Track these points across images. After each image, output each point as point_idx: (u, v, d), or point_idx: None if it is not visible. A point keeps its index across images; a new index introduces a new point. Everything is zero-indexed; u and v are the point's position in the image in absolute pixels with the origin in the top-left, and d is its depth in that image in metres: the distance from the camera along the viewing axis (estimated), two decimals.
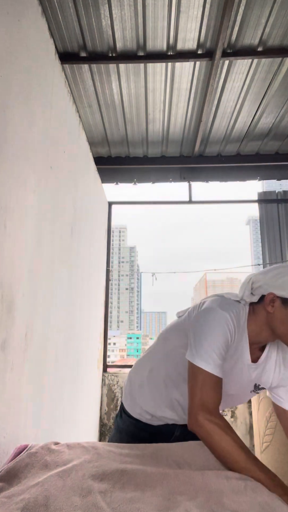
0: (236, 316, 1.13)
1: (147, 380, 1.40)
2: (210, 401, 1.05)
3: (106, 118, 3.74)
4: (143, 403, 1.38)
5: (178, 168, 4.60)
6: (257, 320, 1.15)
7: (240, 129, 3.97)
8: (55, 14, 2.52)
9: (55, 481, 0.85)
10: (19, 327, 1.61)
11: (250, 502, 0.78)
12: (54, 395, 2.10)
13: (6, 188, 1.45)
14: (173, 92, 3.37)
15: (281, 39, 2.79)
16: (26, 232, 1.68)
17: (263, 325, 1.14)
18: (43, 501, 0.77)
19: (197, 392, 1.06)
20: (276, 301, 1.10)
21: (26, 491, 0.81)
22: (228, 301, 1.17)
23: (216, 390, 1.07)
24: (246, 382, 1.25)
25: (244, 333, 1.14)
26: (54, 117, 2.04)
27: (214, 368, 1.07)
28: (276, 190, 4.83)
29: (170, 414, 1.35)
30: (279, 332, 1.12)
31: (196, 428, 1.04)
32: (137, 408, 1.40)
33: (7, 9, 1.42)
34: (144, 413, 1.38)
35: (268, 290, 1.12)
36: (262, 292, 1.14)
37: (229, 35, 2.75)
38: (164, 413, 1.35)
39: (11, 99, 1.47)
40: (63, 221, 2.28)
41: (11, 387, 1.51)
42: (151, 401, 1.37)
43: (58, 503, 0.76)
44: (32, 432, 1.73)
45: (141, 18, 2.59)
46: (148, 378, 1.39)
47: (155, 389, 1.36)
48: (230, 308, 1.13)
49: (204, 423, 1.02)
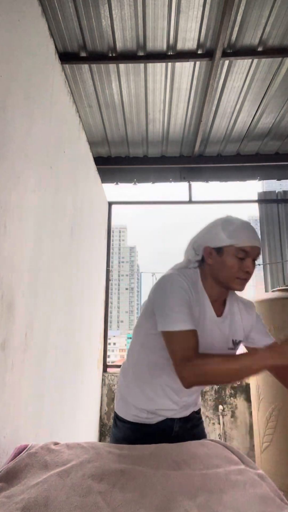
0: (188, 278, 1.22)
1: (133, 376, 1.38)
2: (189, 351, 1.10)
3: (106, 118, 3.74)
4: (135, 401, 1.36)
5: (178, 168, 4.60)
6: (208, 278, 1.26)
7: (240, 129, 3.97)
8: (55, 14, 2.52)
9: (55, 481, 0.86)
10: (19, 327, 1.61)
11: (251, 497, 0.78)
12: (54, 395, 2.10)
13: (6, 188, 1.45)
14: (173, 92, 3.37)
15: (281, 39, 2.79)
16: (26, 232, 1.68)
17: (212, 280, 1.25)
18: (43, 501, 0.77)
19: (176, 351, 1.12)
20: (212, 252, 1.23)
21: (26, 491, 0.82)
22: (177, 268, 1.28)
23: (192, 339, 1.12)
24: (221, 339, 1.29)
25: (203, 292, 1.24)
26: (54, 117, 2.04)
27: (183, 324, 1.13)
28: (276, 190, 4.83)
29: (165, 404, 1.32)
30: (222, 279, 1.22)
31: (187, 382, 1.09)
32: (131, 409, 1.36)
33: (7, 9, 1.42)
34: (139, 412, 1.34)
35: (204, 245, 1.25)
36: (201, 248, 1.26)
37: (229, 35, 2.75)
38: (159, 405, 1.33)
39: (11, 99, 1.47)
40: (63, 221, 2.28)
41: (11, 387, 1.51)
42: (142, 396, 1.34)
43: (58, 503, 0.76)
44: (32, 432, 1.73)
45: (141, 18, 2.59)
46: (134, 374, 1.38)
47: (143, 382, 1.34)
48: (180, 272, 1.23)
49: (190, 373, 1.08)
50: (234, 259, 1.20)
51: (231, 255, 1.20)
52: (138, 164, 4.48)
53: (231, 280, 1.22)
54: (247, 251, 1.20)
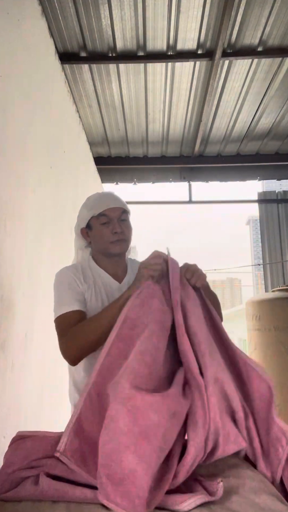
0: (75, 266, 1.30)
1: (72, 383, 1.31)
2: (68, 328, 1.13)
3: (106, 118, 3.74)
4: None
5: (178, 168, 4.60)
6: (97, 255, 1.33)
7: (240, 129, 3.97)
8: (55, 14, 2.51)
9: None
10: (19, 327, 1.61)
11: (250, 503, 0.77)
12: (54, 395, 2.10)
13: (6, 188, 1.45)
14: (173, 92, 3.37)
15: (281, 39, 2.79)
16: (26, 232, 1.68)
17: (100, 255, 1.32)
18: None
19: (58, 334, 1.16)
20: (86, 231, 1.32)
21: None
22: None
23: (72, 318, 1.15)
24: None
25: (97, 269, 1.31)
26: (54, 117, 2.04)
27: (64, 307, 1.16)
28: (276, 190, 4.83)
29: None
30: (101, 250, 1.30)
31: (68, 357, 1.13)
32: None
33: (7, 9, 1.42)
34: None
35: (79, 229, 1.34)
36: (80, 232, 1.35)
37: (229, 35, 2.75)
38: None
39: (11, 99, 1.47)
40: (63, 221, 2.28)
41: (11, 387, 1.51)
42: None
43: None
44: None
45: (141, 18, 2.59)
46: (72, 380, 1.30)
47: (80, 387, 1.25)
48: (65, 267, 1.30)
49: (67, 346, 1.12)
50: (100, 227, 1.27)
51: (96, 225, 1.28)
52: (138, 164, 4.48)
53: (106, 246, 1.28)
54: (107, 214, 1.27)
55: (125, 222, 1.31)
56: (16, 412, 1.57)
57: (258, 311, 3.09)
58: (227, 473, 0.91)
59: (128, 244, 1.33)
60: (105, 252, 1.30)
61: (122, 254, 1.32)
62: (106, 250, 1.28)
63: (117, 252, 1.29)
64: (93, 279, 1.28)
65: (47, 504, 0.75)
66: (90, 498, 0.74)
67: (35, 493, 0.77)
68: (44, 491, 0.76)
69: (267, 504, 0.78)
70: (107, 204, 1.28)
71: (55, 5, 2.44)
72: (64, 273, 1.26)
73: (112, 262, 1.32)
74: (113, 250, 1.28)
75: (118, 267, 1.34)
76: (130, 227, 1.33)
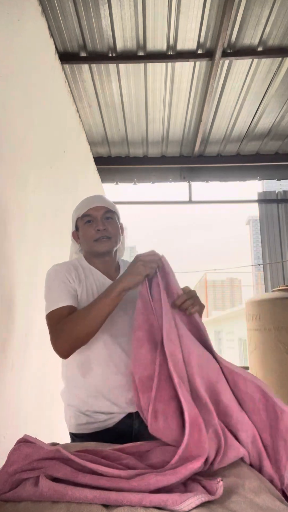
0: (68, 264, 1.32)
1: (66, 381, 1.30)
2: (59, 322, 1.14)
3: (106, 118, 3.74)
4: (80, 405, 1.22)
5: (178, 168, 4.60)
6: (89, 255, 1.35)
7: (240, 129, 3.97)
8: (55, 14, 2.51)
9: None
10: (19, 327, 1.61)
11: (250, 503, 0.77)
12: (54, 395, 2.10)
13: (6, 188, 1.45)
14: (173, 92, 3.37)
15: (281, 39, 2.79)
16: (26, 232, 1.68)
17: (91, 255, 1.34)
18: None
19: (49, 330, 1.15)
20: (76, 234, 1.38)
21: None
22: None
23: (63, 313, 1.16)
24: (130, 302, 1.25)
25: (90, 268, 1.32)
26: (54, 117, 2.04)
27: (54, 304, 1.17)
28: (276, 190, 4.83)
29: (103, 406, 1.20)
30: (89, 250, 1.33)
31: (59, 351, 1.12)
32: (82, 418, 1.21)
33: (7, 9, 1.42)
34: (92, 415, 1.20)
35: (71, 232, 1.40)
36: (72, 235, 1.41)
37: (229, 35, 2.75)
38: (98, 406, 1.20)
39: (11, 99, 1.47)
40: (63, 221, 2.28)
41: (11, 387, 1.51)
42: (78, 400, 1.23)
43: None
44: (32, 432, 1.72)
45: (141, 18, 2.59)
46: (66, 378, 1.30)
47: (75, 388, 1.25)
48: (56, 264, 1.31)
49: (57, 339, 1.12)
50: (84, 226, 1.32)
51: (82, 226, 1.33)
52: (138, 164, 4.48)
53: (91, 245, 1.30)
54: (90, 214, 1.31)
55: (110, 220, 1.32)
56: (16, 412, 1.57)
57: (258, 311, 3.09)
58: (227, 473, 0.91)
59: (114, 242, 1.33)
60: (91, 251, 1.32)
61: (109, 253, 1.33)
62: (92, 248, 1.31)
63: (103, 251, 1.30)
64: (85, 276, 1.29)
65: (47, 504, 0.75)
66: (90, 499, 0.74)
67: (35, 494, 0.77)
68: (43, 492, 0.76)
69: (267, 504, 0.78)
70: (90, 204, 1.32)
71: (55, 5, 2.44)
72: (55, 269, 1.27)
73: (102, 261, 1.33)
74: (98, 249, 1.29)
75: (110, 267, 1.35)
76: (116, 225, 1.34)
